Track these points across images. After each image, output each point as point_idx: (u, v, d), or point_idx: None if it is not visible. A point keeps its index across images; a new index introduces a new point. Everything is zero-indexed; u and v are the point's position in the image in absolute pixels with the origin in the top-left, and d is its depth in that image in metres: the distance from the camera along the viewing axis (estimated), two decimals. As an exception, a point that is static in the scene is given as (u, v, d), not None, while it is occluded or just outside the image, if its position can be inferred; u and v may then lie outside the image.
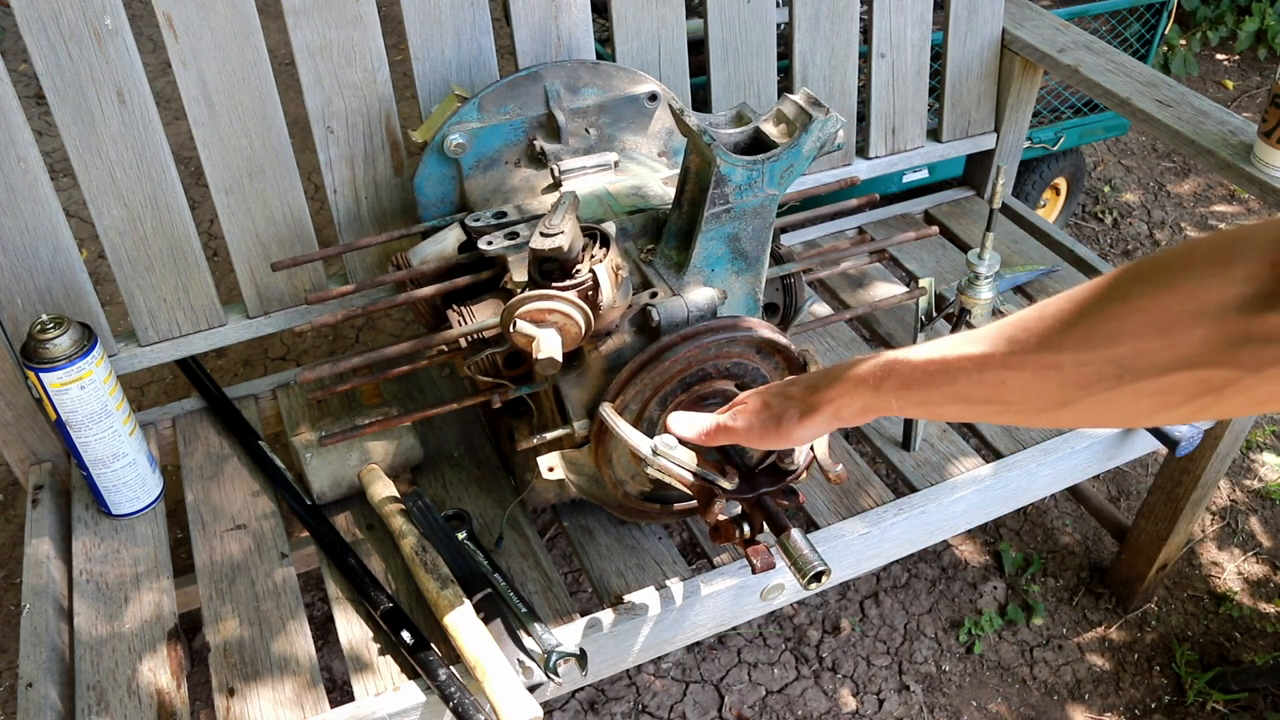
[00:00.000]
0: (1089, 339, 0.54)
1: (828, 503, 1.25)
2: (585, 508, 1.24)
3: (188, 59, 1.17)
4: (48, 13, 1.09)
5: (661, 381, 1.01)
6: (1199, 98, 1.46)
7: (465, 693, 1.01)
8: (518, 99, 1.26)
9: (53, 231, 1.20)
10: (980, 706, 1.64)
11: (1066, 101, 2.18)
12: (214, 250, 2.50)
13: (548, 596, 1.15)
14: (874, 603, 1.78)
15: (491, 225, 1.14)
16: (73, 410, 1.14)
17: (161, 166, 1.22)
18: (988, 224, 1.29)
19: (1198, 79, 3.22)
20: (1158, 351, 0.51)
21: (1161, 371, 0.51)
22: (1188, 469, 1.52)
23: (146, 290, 1.28)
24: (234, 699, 1.05)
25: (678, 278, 1.05)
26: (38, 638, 1.08)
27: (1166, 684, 1.68)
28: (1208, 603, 1.79)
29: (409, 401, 1.40)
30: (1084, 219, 2.67)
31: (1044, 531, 1.90)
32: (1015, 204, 1.78)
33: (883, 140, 1.65)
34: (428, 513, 1.19)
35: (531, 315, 0.94)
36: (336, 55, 1.24)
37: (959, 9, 1.60)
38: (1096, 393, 0.55)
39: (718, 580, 1.15)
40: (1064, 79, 1.58)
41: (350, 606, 1.13)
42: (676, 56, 1.44)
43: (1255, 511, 1.95)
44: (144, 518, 1.25)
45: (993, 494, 1.29)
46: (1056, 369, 0.56)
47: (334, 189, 1.32)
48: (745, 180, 1.00)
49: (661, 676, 1.67)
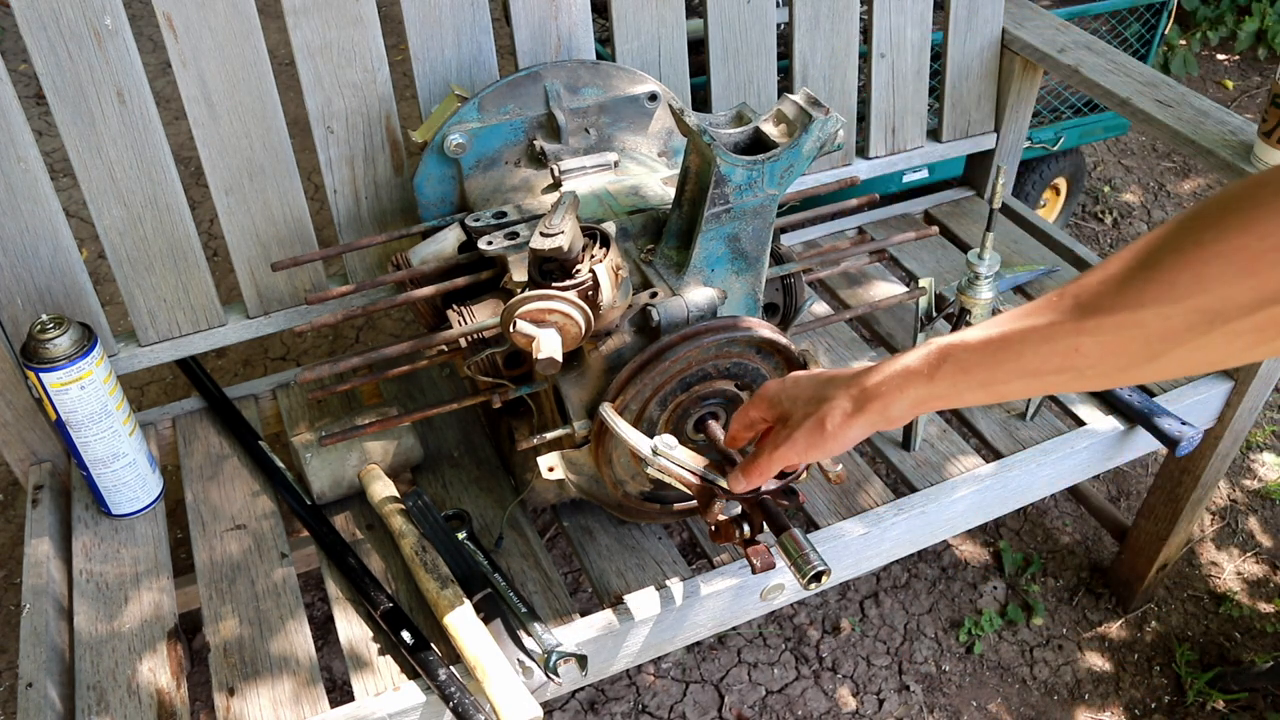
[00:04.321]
0: (1170, 292, 0.54)
1: (828, 503, 1.25)
2: (585, 508, 1.24)
3: (188, 59, 1.17)
4: (48, 13, 1.09)
5: (661, 381, 1.01)
6: (1199, 98, 1.46)
7: (465, 693, 1.01)
8: (518, 99, 1.26)
9: (53, 231, 1.20)
10: (980, 706, 1.64)
11: (1066, 101, 2.18)
12: (214, 250, 2.50)
13: (548, 596, 1.15)
14: (874, 603, 1.78)
15: (491, 225, 1.14)
16: (73, 410, 1.14)
17: (161, 166, 1.22)
18: (988, 224, 1.29)
19: (1198, 79, 3.22)
20: (1246, 292, 0.51)
21: (1253, 309, 0.51)
22: (1188, 469, 1.52)
23: (146, 290, 1.28)
24: (234, 699, 1.05)
25: (678, 278, 1.05)
26: (38, 638, 1.08)
27: (1166, 684, 1.68)
28: (1208, 603, 1.79)
29: (409, 401, 1.40)
30: (1084, 219, 2.67)
31: (1044, 531, 1.90)
32: (1015, 204, 1.78)
33: (883, 140, 1.65)
34: (428, 513, 1.19)
35: (531, 315, 0.94)
36: (336, 55, 1.24)
37: (959, 9, 1.60)
38: (1185, 342, 0.54)
39: (718, 580, 1.15)
40: (1064, 79, 1.58)
41: (350, 606, 1.13)
42: (676, 56, 1.44)
43: (1255, 511, 1.95)
44: (144, 518, 1.25)
45: (993, 494, 1.29)
46: (1139, 326, 0.55)
47: (334, 189, 1.32)
48: (745, 180, 1.00)
49: (661, 676, 1.67)
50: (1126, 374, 0.59)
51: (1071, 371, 0.60)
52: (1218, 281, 0.52)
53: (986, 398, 0.67)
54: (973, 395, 0.67)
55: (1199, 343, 0.54)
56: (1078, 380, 0.61)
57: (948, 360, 0.67)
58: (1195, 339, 0.54)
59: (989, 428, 1.35)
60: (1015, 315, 0.63)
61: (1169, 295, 0.54)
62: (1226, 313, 0.52)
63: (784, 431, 0.80)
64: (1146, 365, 0.57)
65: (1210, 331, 0.53)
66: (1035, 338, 0.61)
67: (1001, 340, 0.63)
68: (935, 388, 0.68)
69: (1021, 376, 0.63)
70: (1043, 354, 0.61)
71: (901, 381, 0.70)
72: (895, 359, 0.72)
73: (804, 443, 0.77)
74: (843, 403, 0.74)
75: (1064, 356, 0.60)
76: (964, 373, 0.66)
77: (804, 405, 0.78)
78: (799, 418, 0.78)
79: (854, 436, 0.75)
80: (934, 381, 0.68)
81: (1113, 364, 0.58)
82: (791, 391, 0.81)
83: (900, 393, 0.71)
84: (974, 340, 0.65)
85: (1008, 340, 0.63)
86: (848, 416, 0.74)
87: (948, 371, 0.67)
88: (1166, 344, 0.55)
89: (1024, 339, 0.62)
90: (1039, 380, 0.63)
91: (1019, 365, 0.63)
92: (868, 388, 0.73)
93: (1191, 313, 0.53)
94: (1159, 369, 0.57)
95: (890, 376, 0.71)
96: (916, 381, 0.69)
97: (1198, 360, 0.56)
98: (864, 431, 0.75)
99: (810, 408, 0.77)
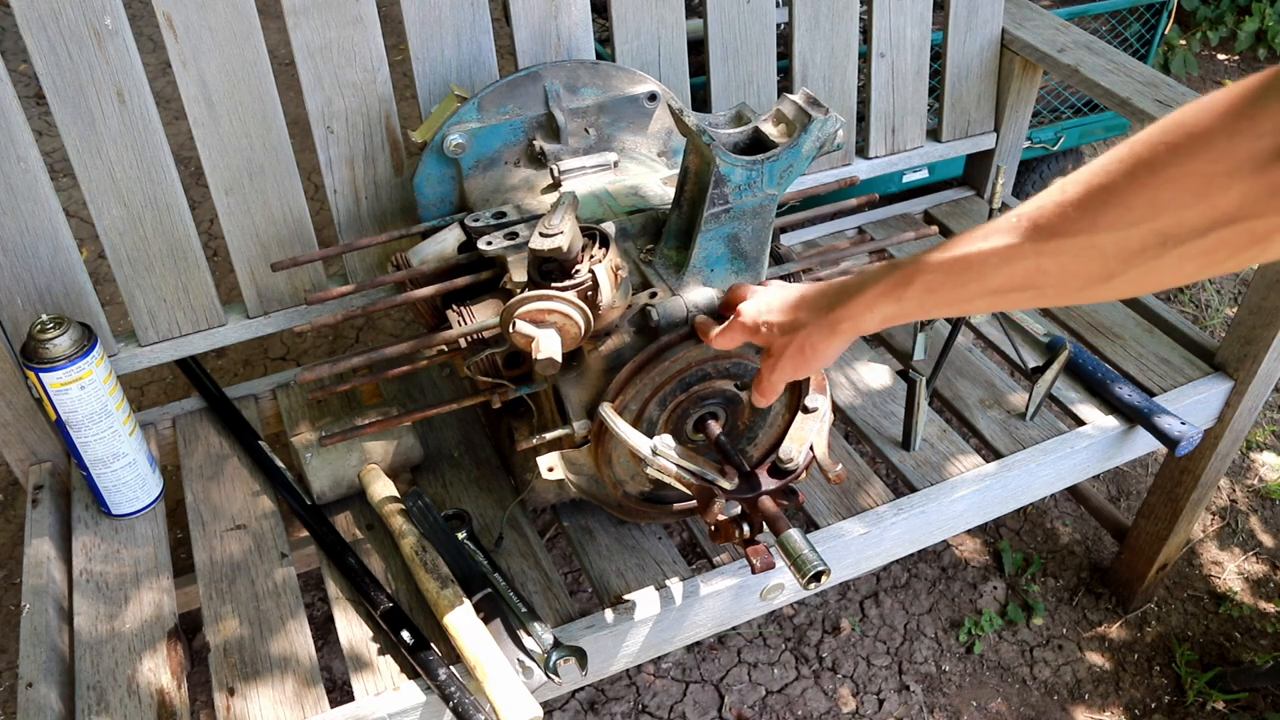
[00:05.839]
0: (1125, 215, 0.55)
1: (828, 503, 1.25)
2: (585, 508, 1.24)
3: (188, 59, 1.18)
4: (48, 13, 1.09)
5: (661, 381, 1.01)
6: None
7: (465, 693, 1.01)
8: (517, 99, 1.26)
9: (53, 231, 1.20)
10: (980, 706, 1.64)
11: (1066, 101, 2.18)
12: (214, 250, 2.50)
13: (548, 596, 1.15)
14: (874, 603, 1.78)
15: (491, 225, 1.14)
16: (73, 410, 1.14)
17: (161, 166, 1.22)
18: (987, 224, 1.29)
19: (1198, 79, 3.22)
20: (1199, 215, 0.52)
21: (1205, 231, 0.52)
22: (1188, 469, 1.52)
23: (146, 290, 1.28)
24: (234, 698, 1.05)
25: (677, 278, 1.05)
26: (38, 638, 1.08)
27: (1166, 684, 1.68)
28: (1208, 603, 1.79)
29: (409, 401, 1.40)
30: (1084, 219, 2.67)
31: (1044, 531, 1.90)
32: (1015, 204, 1.78)
33: (882, 140, 1.65)
34: (428, 513, 1.19)
35: (531, 315, 0.94)
36: (336, 55, 1.24)
37: (959, 9, 1.60)
38: (1141, 263, 0.56)
39: (718, 580, 1.15)
40: (1064, 79, 1.58)
41: (350, 606, 1.13)
42: (676, 56, 1.44)
43: (1255, 511, 1.95)
44: (144, 518, 1.25)
45: (993, 494, 1.29)
46: (1096, 248, 0.58)
47: (334, 189, 1.32)
48: (745, 180, 1.00)
49: (661, 676, 1.67)
50: (1084, 293, 0.61)
51: (1033, 290, 0.63)
52: (1171, 205, 0.53)
53: (953, 312, 0.72)
54: (940, 311, 0.72)
55: (1152, 265, 0.56)
56: (1038, 298, 0.64)
57: (914, 281, 0.71)
58: (1149, 261, 0.56)
59: (989, 428, 1.35)
60: (975, 237, 0.66)
61: (1125, 219, 0.55)
62: (1179, 235, 0.54)
63: (770, 360, 0.87)
64: (1102, 285, 0.60)
65: (1163, 254, 0.55)
66: (997, 259, 0.64)
67: (965, 261, 0.66)
68: (904, 306, 0.73)
69: (985, 295, 0.66)
70: (1005, 274, 0.64)
71: (871, 301, 0.75)
72: (861, 279, 0.76)
73: (790, 366, 0.85)
74: (817, 329, 0.80)
75: (1026, 276, 0.63)
76: (930, 292, 0.70)
77: (781, 334, 0.85)
78: (780, 346, 0.85)
79: (833, 354, 0.82)
80: (902, 301, 0.72)
81: (1071, 283, 0.61)
82: (767, 317, 0.87)
83: (870, 311, 0.76)
84: (940, 259, 0.69)
85: (970, 261, 0.66)
86: (825, 339, 0.80)
87: (915, 292, 0.71)
88: (1122, 264, 0.57)
89: (986, 260, 0.65)
90: (1002, 298, 0.66)
91: (982, 284, 0.66)
92: (838, 310, 0.78)
93: (1147, 235, 0.55)
94: (1115, 288, 0.60)
95: (861, 299, 0.76)
96: (885, 302, 0.74)
97: (1152, 280, 0.58)
98: (841, 347, 0.81)
99: (788, 336, 0.84)
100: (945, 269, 0.68)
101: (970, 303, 0.68)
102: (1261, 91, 0.50)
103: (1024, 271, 0.62)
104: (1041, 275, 0.61)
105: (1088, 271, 0.59)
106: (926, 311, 0.72)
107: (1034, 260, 0.61)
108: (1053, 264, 0.60)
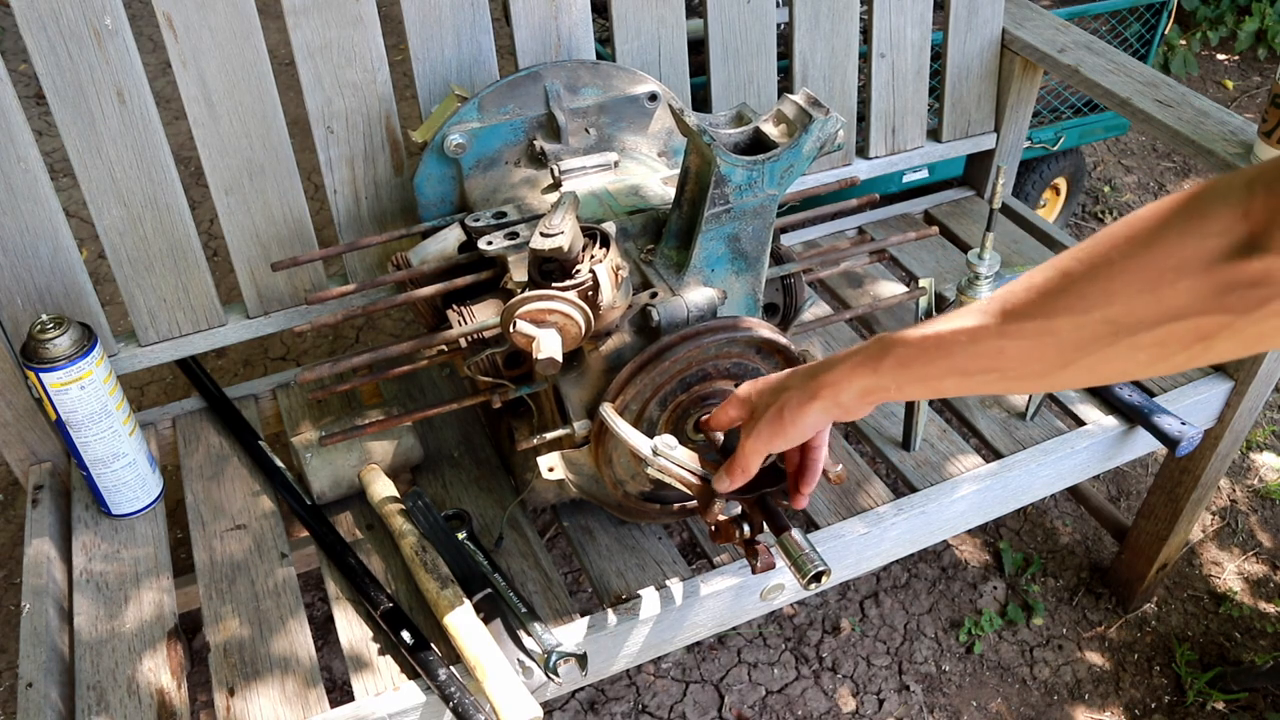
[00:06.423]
0: (1080, 303, 0.57)
1: (828, 503, 1.25)
2: (585, 508, 1.24)
3: (188, 59, 1.17)
4: (48, 13, 1.09)
5: (661, 381, 1.01)
6: (1199, 98, 1.46)
7: (465, 693, 1.01)
8: (518, 99, 1.26)
9: (53, 231, 1.20)
10: (980, 706, 1.64)
11: (1066, 101, 2.18)
12: (214, 250, 2.50)
13: (548, 596, 1.15)
14: (874, 603, 1.78)
15: (491, 225, 1.14)
16: (73, 410, 1.14)
17: (161, 166, 1.22)
18: (988, 224, 1.29)
19: (1198, 79, 3.23)
20: (1148, 307, 0.54)
21: (1154, 325, 0.54)
22: (1188, 469, 1.52)
23: (146, 290, 1.28)
24: (234, 698, 1.05)
25: (678, 278, 1.05)
26: (38, 638, 1.08)
27: (1166, 684, 1.68)
28: (1208, 603, 1.79)
29: (409, 401, 1.40)
30: (1084, 219, 2.67)
31: (1044, 531, 1.90)
32: (1015, 204, 1.78)
33: (883, 140, 1.65)
34: (428, 513, 1.19)
35: (531, 315, 0.94)
36: (336, 55, 1.24)
37: (959, 9, 1.60)
38: (1094, 351, 0.58)
39: (718, 580, 1.15)
40: (1064, 79, 1.58)
41: (350, 606, 1.13)
42: (676, 56, 1.44)
43: (1255, 511, 1.95)
44: (144, 518, 1.25)
45: (993, 494, 1.29)
46: (1053, 334, 0.59)
47: (334, 189, 1.32)
48: (745, 180, 1.00)
49: (661, 676, 1.67)
50: (1044, 380, 0.62)
51: (996, 372, 0.64)
52: (1122, 296, 0.55)
53: (925, 392, 0.71)
54: (912, 389, 0.71)
55: (1106, 353, 0.57)
56: (1002, 381, 0.65)
57: (889, 354, 0.71)
58: (1102, 349, 0.57)
59: (989, 428, 1.35)
60: (952, 317, 0.67)
61: (1079, 306, 0.57)
62: (1130, 325, 0.55)
63: (750, 425, 0.85)
64: (1060, 372, 0.61)
65: (1116, 343, 0.56)
66: (964, 338, 0.65)
67: (936, 339, 0.67)
68: (880, 379, 0.73)
69: (953, 374, 0.67)
70: (970, 354, 0.65)
71: (849, 372, 0.75)
72: (846, 351, 0.77)
73: (767, 432, 0.82)
74: (798, 393, 0.79)
75: (989, 358, 0.64)
76: (903, 367, 0.70)
77: (766, 398, 0.84)
78: (761, 410, 0.84)
79: (810, 423, 0.79)
80: (878, 373, 0.72)
81: (1032, 368, 0.62)
82: (760, 387, 0.86)
83: (849, 382, 0.75)
84: (913, 337, 0.69)
85: (941, 339, 0.67)
86: (802, 404, 0.79)
87: (889, 365, 0.71)
88: (1078, 352, 0.59)
89: (954, 339, 0.66)
90: (968, 379, 0.67)
91: (950, 364, 0.66)
92: (820, 378, 0.78)
93: (1099, 324, 0.56)
94: (1071, 376, 0.61)
95: (841, 368, 0.76)
96: (863, 373, 0.74)
97: (1106, 371, 0.59)
98: (819, 418, 0.79)
99: (771, 399, 0.83)
100: (918, 344, 0.69)
101: (940, 380, 0.69)
102: (1211, 194, 0.52)
103: (988, 353, 0.63)
104: (1003, 357, 0.63)
105: (1046, 356, 0.60)
106: (900, 387, 0.72)
107: (997, 342, 0.62)
108: (1013, 346, 0.62)
